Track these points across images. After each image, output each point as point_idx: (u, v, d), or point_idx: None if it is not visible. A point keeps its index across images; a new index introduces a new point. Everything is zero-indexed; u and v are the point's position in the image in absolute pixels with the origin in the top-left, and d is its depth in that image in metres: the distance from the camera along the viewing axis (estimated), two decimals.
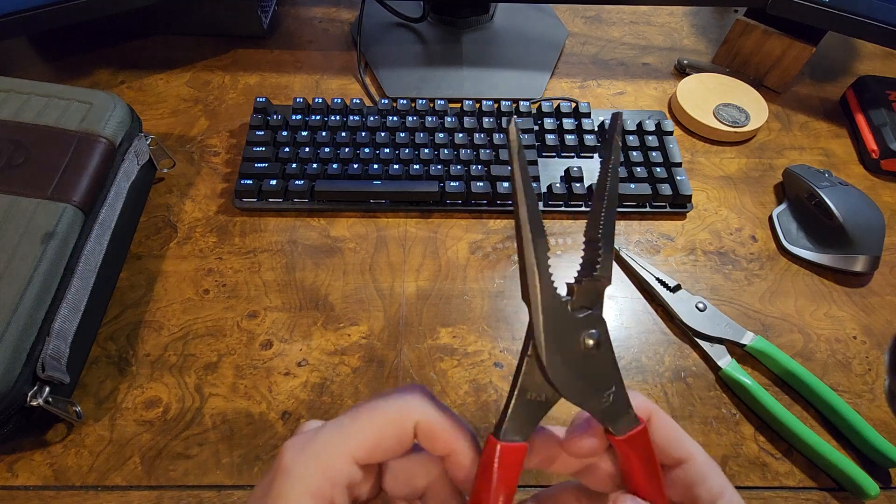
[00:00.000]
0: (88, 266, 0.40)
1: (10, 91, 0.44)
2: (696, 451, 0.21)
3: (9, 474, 0.37)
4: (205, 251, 0.48)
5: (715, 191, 0.54)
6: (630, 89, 0.62)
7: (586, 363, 0.20)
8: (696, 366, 0.43)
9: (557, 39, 0.66)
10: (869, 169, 0.56)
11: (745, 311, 0.46)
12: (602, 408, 0.20)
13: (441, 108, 0.54)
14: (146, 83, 0.60)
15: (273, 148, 0.51)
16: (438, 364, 0.43)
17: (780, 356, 0.42)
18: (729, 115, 0.57)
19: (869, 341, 0.45)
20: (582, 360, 0.20)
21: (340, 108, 0.54)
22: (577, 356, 0.20)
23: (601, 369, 0.21)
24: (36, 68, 0.61)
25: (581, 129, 0.54)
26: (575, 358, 0.20)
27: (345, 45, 0.65)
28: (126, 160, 0.45)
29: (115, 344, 0.42)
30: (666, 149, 0.53)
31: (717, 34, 0.68)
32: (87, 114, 0.44)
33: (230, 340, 0.43)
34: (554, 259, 0.49)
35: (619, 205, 0.51)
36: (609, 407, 0.20)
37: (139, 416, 0.39)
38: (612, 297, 0.47)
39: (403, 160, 0.51)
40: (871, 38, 0.54)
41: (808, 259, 0.49)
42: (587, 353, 0.20)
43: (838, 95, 0.62)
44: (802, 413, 0.42)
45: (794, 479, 0.39)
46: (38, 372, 0.35)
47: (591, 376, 0.20)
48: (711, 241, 0.50)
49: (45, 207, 0.39)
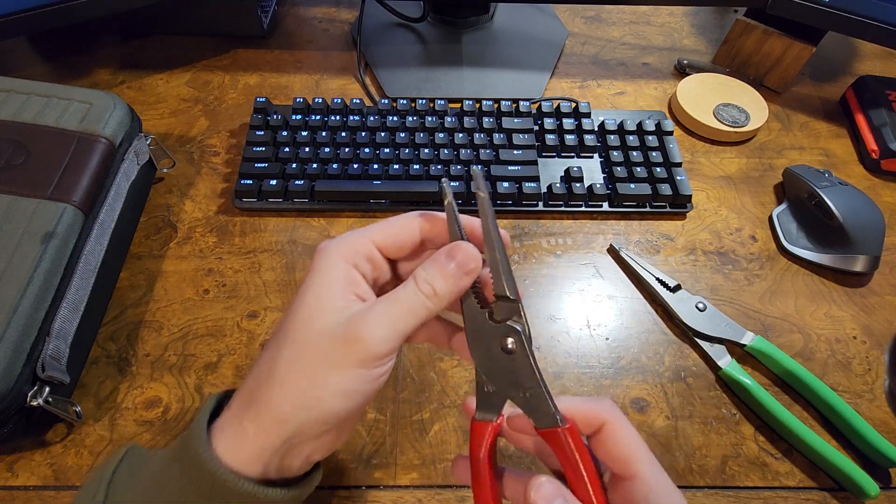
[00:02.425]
0: (88, 266, 0.40)
1: (10, 91, 0.44)
2: (645, 471, 0.23)
3: (9, 474, 0.37)
4: (205, 251, 0.48)
5: (715, 191, 0.54)
6: (630, 89, 0.62)
7: (507, 362, 0.25)
8: (696, 366, 0.43)
9: (557, 39, 0.66)
10: (869, 169, 0.56)
11: (745, 311, 0.46)
12: (522, 401, 0.25)
13: (441, 108, 0.54)
14: (146, 83, 0.60)
15: (273, 148, 0.51)
16: (438, 364, 0.43)
17: (780, 356, 0.42)
18: (729, 115, 0.57)
19: (869, 341, 0.45)
20: (504, 359, 0.25)
21: (340, 108, 0.54)
22: (498, 355, 0.25)
23: (519, 370, 0.25)
24: (36, 68, 0.61)
25: (581, 129, 0.54)
26: (497, 357, 0.25)
27: (345, 45, 0.65)
28: (126, 160, 0.45)
29: (115, 344, 0.42)
30: (666, 149, 0.53)
31: (717, 34, 0.68)
32: (86, 114, 0.44)
33: (230, 340, 0.43)
34: (553, 258, 0.49)
35: (620, 205, 0.51)
36: (528, 402, 0.25)
37: (139, 416, 0.39)
38: (612, 297, 0.47)
39: (403, 160, 0.51)
40: (871, 38, 0.54)
41: (808, 259, 0.49)
42: (506, 354, 0.25)
43: (838, 95, 0.62)
44: (802, 413, 0.42)
45: (794, 479, 0.39)
46: (38, 372, 0.35)
47: (510, 373, 0.25)
48: (711, 241, 0.50)
49: (45, 207, 0.39)
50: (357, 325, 0.23)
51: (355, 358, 0.23)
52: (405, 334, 0.24)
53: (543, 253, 0.49)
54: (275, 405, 0.23)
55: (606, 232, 0.50)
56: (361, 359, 0.23)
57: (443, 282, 0.24)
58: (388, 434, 0.39)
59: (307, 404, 0.23)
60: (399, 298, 0.24)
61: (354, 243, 0.25)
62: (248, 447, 0.23)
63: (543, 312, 0.45)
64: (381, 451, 0.39)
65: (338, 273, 0.24)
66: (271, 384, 0.23)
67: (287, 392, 0.23)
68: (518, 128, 0.53)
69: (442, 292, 0.24)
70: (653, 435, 0.40)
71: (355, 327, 0.23)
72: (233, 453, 0.23)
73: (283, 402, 0.23)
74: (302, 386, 0.23)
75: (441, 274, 0.24)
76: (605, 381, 0.42)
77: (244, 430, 0.23)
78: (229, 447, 0.23)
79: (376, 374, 0.24)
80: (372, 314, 0.24)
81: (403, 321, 0.24)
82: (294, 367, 0.23)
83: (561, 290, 0.47)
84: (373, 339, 0.23)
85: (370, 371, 0.23)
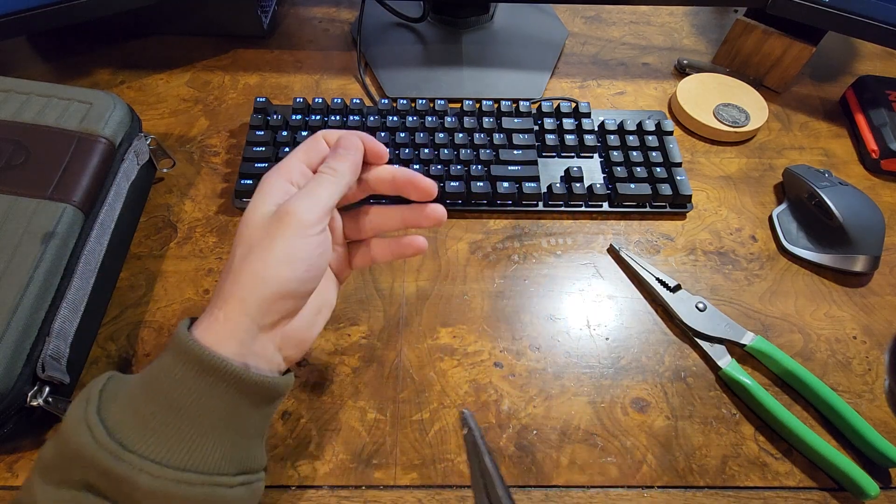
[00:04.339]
0: (88, 266, 0.40)
1: (10, 91, 0.44)
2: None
3: (9, 474, 0.37)
4: (205, 251, 0.48)
5: (715, 191, 0.54)
6: (630, 89, 0.62)
7: None
8: (696, 366, 0.43)
9: (557, 39, 0.66)
10: (869, 169, 0.56)
11: (745, 311, 0.46)
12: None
13: (441, 108, 0.54)
14: (146, 83, 0.60)
15: (273, 148, 0.51)
16: (438, 364, 0.43)
17: (780, 356, 0.42)
18: (729, 115, 0.57)
19: (869, 341, 0.45)
20: None
21: (340, 108, 0.54)
22: None
23: None
24: (36, 68, 0.61)
25: (581, 129, 0.54)
26: None
27: (345, 45, 0.65)
28: (126, 160, 0.45)
29: (115, 344, 0.42)
30: (666, 149, 0.53)
31: (717, 34, 0.68)
32: (86, 114, 0.44)
33: None
34: (553, 258, 0.49)
35: (620, 205, 0.51)
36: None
37: None
38: (612, 297, 0.47)
39: (403, 160, 0.51)
40: (871, 38, 0.54)
41: (808, 259, 0.49)
42: None
43: (838, 95, 0.62)
44: (802, 413, 0.42)
45: (794, 479, 0.39)
46: (38, 372, 0.35)
47: None
48: (711, 241, 0.50)
49: (45, 207, 0.39)
50: (286, 204, 0.29)
51: (291, 228, 0.28)
52: (326, 205, 0.30)
53: (543, 253, 0.49)
54: (236, 290, 0.28)
55: (606, 232, 0.50)
56: (294, 227, 0.28)
57: (337, 160, 0.31)
58: (388, 434, 0.39)
59: (260, 279, 0.28)
60: (311, 181, 0.31)
61: (287, 164, 0.31)
62: (220, 329, 0.27)
63: (543, 312, 0.46)
64: (381, 451, 0.39)
65: (272, 187, 0.30)
66: (231, 274, 0.28)
67: (244, 275, 0.28)
68: (518, 128, 0.53)
69: (340, 168, 0.31)
70: (653, 435, 0.40)
71: (285, 205, 0.29)
72: (208, 336, 0.27)
73: (241, 285, 0.28)
74: (253, 267, 0.28)
75: (334, 156, 0.32)
76: (605, 381, 0.42)
77: (216, 317, 0.27)
78: (204, 332, 0.27)
79: (313, 244, 0.29)
80: (296, 195, 0.30)
81: (319, 193, 0.30)
82: (249, 254, 0.28)
83: (561, 290, 0.47)
84: (299, 210, 0.29)
85: (305, 239, 0.29)
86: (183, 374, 0.26)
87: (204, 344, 0.26)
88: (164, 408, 0.26)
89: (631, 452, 0.39)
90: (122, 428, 0.25)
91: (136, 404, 0.26)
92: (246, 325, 0.28)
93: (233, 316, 0.27)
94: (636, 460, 0.39)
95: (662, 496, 0.38)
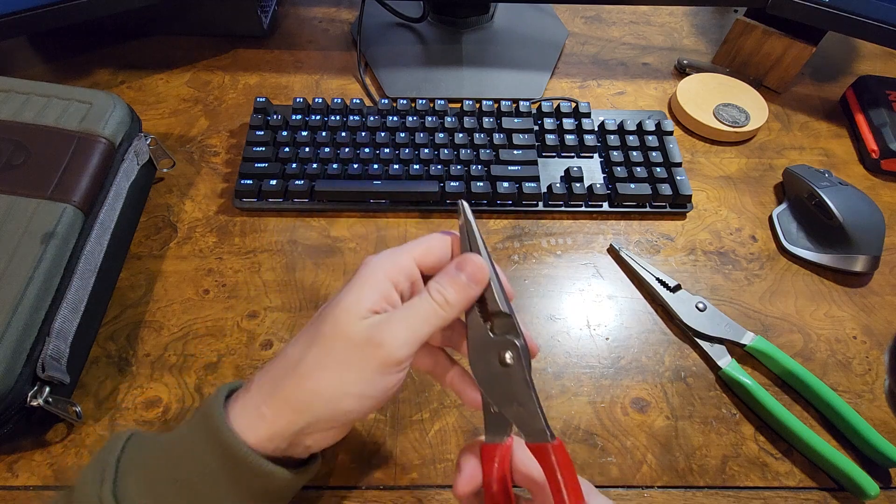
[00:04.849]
0: (88, 266, 0.40)
1: (10, 91, 0.44)
2: None
3: (9, 474, 0.37)
4: (205, 251, 0.48)
5: (715, 191, 0.54)
6: (630, 89, 0.62)
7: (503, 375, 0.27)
8: (696, 366, 0.43)
9: (557, 39, 0.66)
10: (869, 169, 0.56)
11: (745, 311, 0.46)
12: (515, 415, 0.26)
13: (441, 108, 0.54)
14: (146, 83, 0.60)
15: (273, 148, 0.51)
16: None
17: (780, 356, 0.42)
18: (729, 115, 0.57)
19: (869, 341, 0.45)
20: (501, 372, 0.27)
21: (340, 108, 0.54)
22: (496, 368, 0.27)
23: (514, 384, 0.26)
24: (36, 68, 0.61)
25: (581, 129, 0.54)
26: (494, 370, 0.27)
27: (345, 45, 0.65)
28: (126, 160, 0.45)
29: (115, 344, 0.42)
30: (666, 149, 0.53)
31: (717, 34, 0.68)
32: (86, 114, 0.44)
33: (230, 340, 0.43)
34: (553, 258, 0.49)
35: (620, 205, 0.51)
36: (520, 416, 0.26)
37: (139, 416, 0.39)
38: (612, 297, 0.47)
39: (403, 160, 0.51)
40: (871, 38, 0.54)
41: (808, 259, 0.49)
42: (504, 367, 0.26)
43: (838, 95, 0.62)
44: (802, 413, 0.42)
45: (794, 479, 0.39)
46: (39, 372, 0.35)
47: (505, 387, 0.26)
48: (711, 241, 0.50)
49: (45, 207, 0.39)
50: (379, 330, 0.25)
51: (375, 362, 0.25)
52: (421, 340, 0.26)
53: (543, 253, 0.49)
54: (296, 396, 0.26)
55: (606, 232, 0.50)
56: (381, 363, 0.25)
57: (453, 291, 0.26)
58: (388, 434, 0.39)
59: (325, 400, 0.26)
60: (414, 306, 0.26)
61: (399, 260, 0.27)
62: (263, 429, 0.25)
63: (543, 312, 0.45)
64: (381, 451, 0.39)
65: (376, 285, 0.27)
66: (296, 376, 0.26)
67: (310, 386, 0.26)
68: (518, 128, 0.53)
69: (453, 301, 0.26)
70: (653, 435, 0.40)
71: (377, 332, 0.25)
72: (248, 433, 0.25)
73: (303, 395, 0.26)
74: (324, 383, 0.26)
75: (452, 284, 0.27)
76: (605, 381, 0.42)
77: (261, 415, 0.26)
78: (245, 427, 0.25)
79: (391, 382, 0.26)
80: (391, 322, 0.26)
81: (419, 328, 0.26)
82: (319, 365, 0.26)
83: (561, 290, 0.47)
84: (392, 344, 0.25)
85: (386, 377, 0.26)
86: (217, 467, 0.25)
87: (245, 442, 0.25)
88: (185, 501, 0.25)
89: (631, 452, 0.39)
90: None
91: (157, 490, 0.25)
92: (289, 433, 0.26)
93: (279, 422, 0.26)
94: (636, 460, 0.39)
95: (662, 496, 0.38)
